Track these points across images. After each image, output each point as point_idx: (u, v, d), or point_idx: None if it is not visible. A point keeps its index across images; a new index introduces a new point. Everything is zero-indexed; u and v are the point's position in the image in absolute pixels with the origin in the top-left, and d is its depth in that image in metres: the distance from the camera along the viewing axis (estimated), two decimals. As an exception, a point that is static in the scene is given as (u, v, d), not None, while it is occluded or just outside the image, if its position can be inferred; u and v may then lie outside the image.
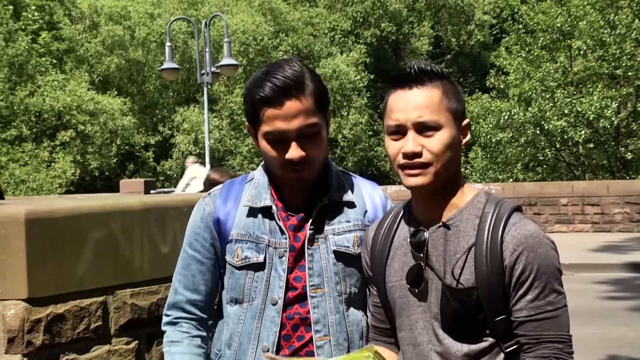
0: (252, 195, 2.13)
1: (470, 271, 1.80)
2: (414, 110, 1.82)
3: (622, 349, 7.25)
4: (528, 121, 23.27)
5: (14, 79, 28.28)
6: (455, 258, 1.82)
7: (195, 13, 33.30)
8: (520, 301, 1.78)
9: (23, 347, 2.66)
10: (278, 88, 1.97)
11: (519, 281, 1.78)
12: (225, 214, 2.13)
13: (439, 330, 1.84)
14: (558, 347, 1.78)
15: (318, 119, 2.03)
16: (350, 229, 2.12)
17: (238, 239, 2.09)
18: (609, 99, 22.06)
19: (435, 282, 1.85)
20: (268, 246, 2.07)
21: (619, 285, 11.10)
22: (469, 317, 1.80)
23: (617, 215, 17.59)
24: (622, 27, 22.03)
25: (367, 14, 39.34)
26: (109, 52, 32.83)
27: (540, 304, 1.78)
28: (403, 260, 1.92)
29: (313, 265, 2.07)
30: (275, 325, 2.04)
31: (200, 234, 2.14)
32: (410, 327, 1.90)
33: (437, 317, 1.84)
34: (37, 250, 2.69)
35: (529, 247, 1.78)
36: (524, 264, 1.77)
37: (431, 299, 1.85)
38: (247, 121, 2.12)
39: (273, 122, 1.99)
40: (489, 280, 1.78)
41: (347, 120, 34.53)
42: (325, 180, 2.14)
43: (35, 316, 2.69)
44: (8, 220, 2.68)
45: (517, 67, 24.67)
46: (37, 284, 2.69)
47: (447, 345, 1.83)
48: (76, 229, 2.84)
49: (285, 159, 2.00)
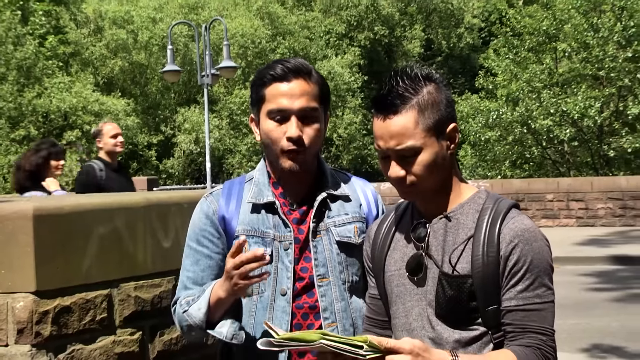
0: (254, 192, 2.13)
1: (466, 260, 1.81)
2: (390, 139, 1.81)
3: (604, 338, 7.27)
4: (515, 120, 23.29)
5: (22, 81, 28.23)
6: (454, 248, 1.84)
7: (195, 17, 33.26)
8: (511, 290, 1.79)
9: (32, 337, 2.66)
10: (288, 69, 2.04)
11: (512, 271, 1.78)
12: (230, 212, 2.13)
13: (433, 317, 1.85)
14: (542, 338, 1.78)
15: (319, 108, 2.07)
16: (349, 220, 2.15)
17: (244, 235, 2.09)
18: (593, 99, 22.09)
19: (433, 271, 1.86)
20: (274, 240, 2.09)
21: (602, 278, 11.13)
22: (462, 304, 1.81)
23: (601, 210, 17.62)
24: (605, 30, 22.05)
25: (361, 18, 39.32)
26: (113, 55, 32.80)
27: (529, 295, 1.78)
28: (404, 251, 1.93)
29: (318, 256, 2.09)
30: (287, 315, 2.06)
31: (207, 229, 2.13)
32: (406, 314, 1.91)
33: (432, 304, 1.85)
34: (44, 245, 2.70)
35: (525, 240, 1.79)
36: (519, 255, 1.78)
37: (428, 287, 1.87)
38: (251, 111, 2.14)
39: (278, 99, 2.03)
40: (484, 270, 1.79)
41: (342, 120, 34.52)
42: (321, 176, 2.17)
43: (43, 308, 2.69)
44: (16, 216, 2.68)
45: (504, 69, 24.68)
46: (44, 277, 2.69)
47: (439, 331, 1.84)
48: (82, 224, 2.84)
49: (284, 137, 2.03)
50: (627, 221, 17.36)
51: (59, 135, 29.04)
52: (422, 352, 1.66)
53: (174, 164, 32.61)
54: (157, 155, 32.72)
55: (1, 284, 2.70)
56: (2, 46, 27.69)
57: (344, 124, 34.44)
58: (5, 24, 27.78)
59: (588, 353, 6.76)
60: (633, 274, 11.43)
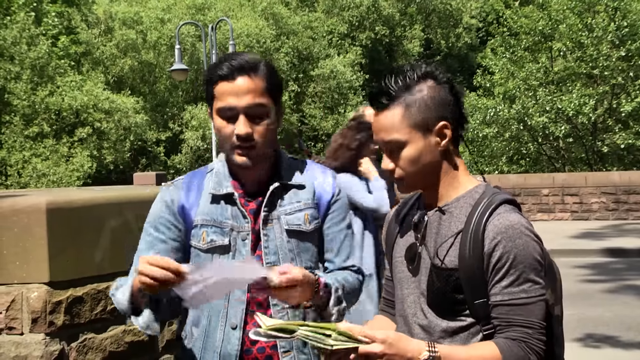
0: (215, 183, 2.12)
1: (454, 254, 1.80)
2: (379, 132, 1.86)
3: (598, 328, 7.27)
4: (512, 117, 23.24)
5: (35, 80, 28.23)
6: (444, 241, 1.83)
7: (202, 18, 33.22)
8: (496, 286, 1.77)
9: (45, 326, 2.67)
10: (232, 67, 2.01)
11: (495, 267, 1.76)
12: (189, 202, 2.11)
13: (425, 306, 1.85)
14: (527, 331, 1.75)
15: (267, 103, 2.04)
16: (300, 208, 2.13)
17: (203, 224, 2.08)
18: (587, 96, 22.04)
19: (426, 261, 1.86)
20: (232, 230, 2.07)
21: (596, 269, 11.13)
22: (449, 296, 1.80)
23: (594, 205, 17.60)
24: (599, 30, 21.99)
25: (363, 18, 39.23)
26: (123, 54, 32.77)
27: (514, 291, 1.75)
28: (407, 240, 1.94)
29: (268, 244, 2.08)
30: (242, 304, 2.05)
31: (165, 217, 2.10)
32: (402, 300, 1.92)
33: (424, 293, 1.86)
34: (57, 238, 2.70)
35: (508, 237, 1.75)
36: (501, 252, 1.75)
37: (421, 276, 1.87)
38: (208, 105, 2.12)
39: (225, 97, 2.01)
40: (469, 265, 1.77)
41: (344, 117, 34.48)
42: (277, 167, 2.15)
43: (57, 298, 2.70)
44: (31, 210, 2.68)
45: (502, 67, 24.64)
46: (57, 268, 2.70)
47: (430, 320, 1.84)
48: (93, 217, 2.84)
49: (234, 135, 2.02)
50: (620, 215, 17.33)
51: (71, 132, 29.06)
52: (395, 342, 1.65)
53: (181, 160, 32.60)
54: (165, 151, 32.71)
55: (16, 275, 2.70)
56: (17, 46, 27.70)
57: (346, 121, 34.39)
58: (19, 25, 27.78)
59: (582, 342, 6.76)
60: (626, 265, 11.42)
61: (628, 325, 7.37)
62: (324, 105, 35.01)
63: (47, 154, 27.53)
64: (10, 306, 2.68)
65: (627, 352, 6.49)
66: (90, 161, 28.10)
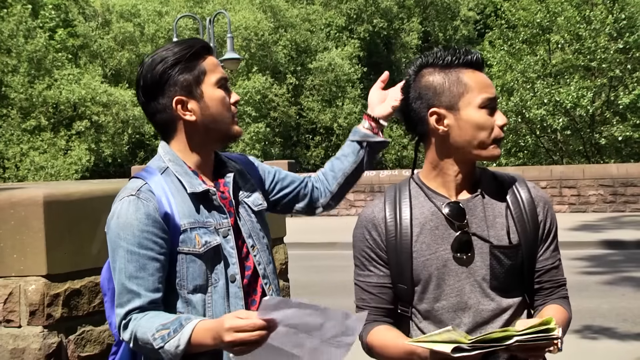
0: (187, 183, 1.98)
1: (513, 230, 1.87)
2: (492, 88, 1.91)
3: (595, 320, 7.30)
4: (510, 110, 23.23)
5: (33, 73, 28.20)
6: (497, 221, 1.88)
7: (200, 10, 33.14)
8: (547, 251, 1.92)
9: (43, 319, 2.67)
10: (203, 46, 2.03)
11: (545, 233, 1.92)
12: (170, 207, 1.94)
13: (488, 290, 1.86)
14: (566, 288, 1.97)
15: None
16: (254, 188, 2.15)
17: (192, 227, 1.95)
18: (585, 89, 22.04)
19: (480, 246, 1.86)
20: (215, 229, 1.99)
21: (593, 261, 11.15)
22: (516, 273, 1.87)
23: (592, 197, 17.62)
24: (597, 23, 21.97)
25: (361, 11, 39.15)
26: (121, 47, 32.72)
27: (556, 253, 1.95)
28: (435, 233, 1.88)
29: (246, 231, 2.06)
30: (241, 299, 1.99)
31: (149, 230, 1.90)
32: (458, 293, 1.87)
33: (485, 278, 1.86)
34: (54, 230, 2.70)
35: (549, 204, 1.95)
36: (551, 218, 1.93)
37: (477, 263, 1.86)
38: (179, 94, 1.97)
39: (218, 69, 2.03)
40: (531, 236, 1.89)
41: (342, 110, 34.45)
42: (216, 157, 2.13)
43: (54, 291, 2.70)
44: (28, 203, 2.68)
45: (500, 60, 24.61)
46: (55, 261, 2.70)
47: (497, 302, 1.86)
48: (90, 210, 2.84)
49: (232, 103, 2.05)
50: (617, 207, 17.35)
51: (69, 125, 29.03)
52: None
53: (179, 153, 32.59)
54: (163, 144, 32.70)
55: (14, 268, 2.70)
56: (14, 39, 27.66)
57: (344, 114, 34.33)
58: (16, 18, 27.73)
59: (579, 334, 6.78)
60: (623, 257, 11.45)
61: (625, 316, 7.40)
62: (322, 98, 34.95)
63: (45, 147, 27.52)
64: (8, 299, 2.68)
65: (623, 343, 6.51)
66: (88, 154, 28.08)
